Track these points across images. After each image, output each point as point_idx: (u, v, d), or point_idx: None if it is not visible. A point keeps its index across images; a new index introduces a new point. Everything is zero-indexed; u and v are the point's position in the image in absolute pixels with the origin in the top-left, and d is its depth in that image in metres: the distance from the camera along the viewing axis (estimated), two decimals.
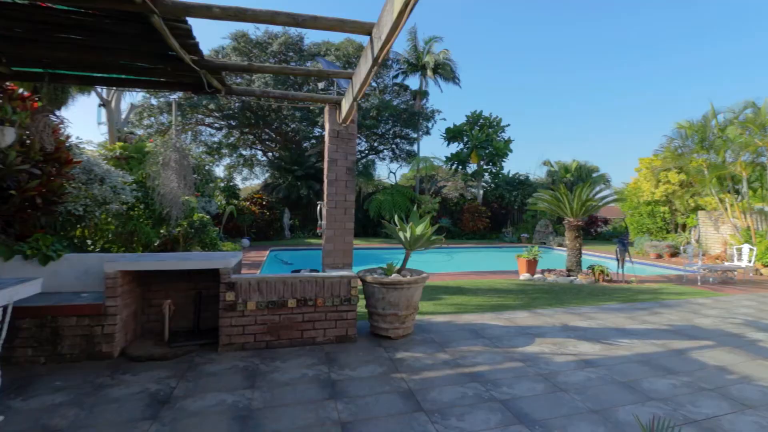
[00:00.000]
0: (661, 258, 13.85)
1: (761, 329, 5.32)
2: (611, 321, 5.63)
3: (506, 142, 23.12)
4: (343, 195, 4.92)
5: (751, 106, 10.89)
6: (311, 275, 4.37)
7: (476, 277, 9.46)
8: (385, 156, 28.17)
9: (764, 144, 10.27)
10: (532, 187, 22.60)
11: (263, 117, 21.19)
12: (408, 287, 4.50)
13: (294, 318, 4.27)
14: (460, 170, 24.51)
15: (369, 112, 19.92)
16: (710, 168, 11.82)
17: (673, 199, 14.37)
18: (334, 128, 4.90)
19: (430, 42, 22.46)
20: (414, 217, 4.99)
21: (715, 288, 8.51)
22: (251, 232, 16.88)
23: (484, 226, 21.50)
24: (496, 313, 5.91)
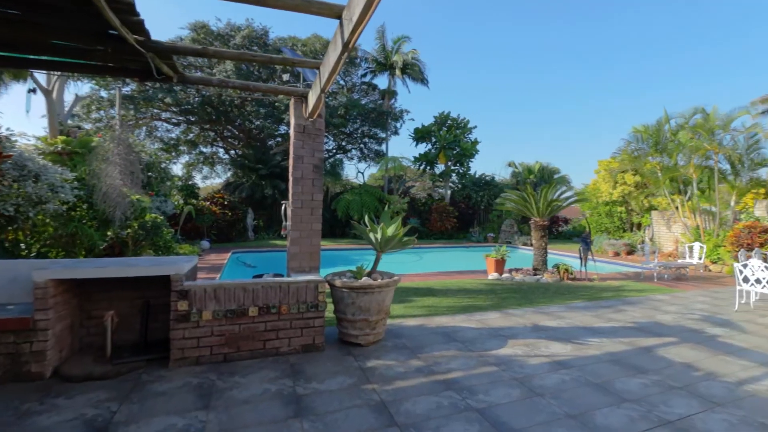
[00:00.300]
0: (619, 256, 14.48)
1: (718, 324, 5.54)
2: (579, 320, 5.68)
3: (473, 143, 23.48)
4: (309, 194, 4.62)
5: (701, 111, 11.61)
6: (275, 280, 4.04)
7: (446, 277, 9.40)
8: (353, 156, 27.85)
9: (712, 148, 10.94)
10: (498, 187, 23.08)
11: (225, 113, 20.26)
12: (379, 291, 4.28)
13: (255, 327, 3.94)
14: (428, 171, 24.64)
15: (337, 110, 19.54)
16: (663, 170, 12.47)
17: (629, 199, 15.11)
18: (300, 123, 4.59)
19: (398, 41, 22.41)
20: (385, 217, 4.77)
21: (671, 284, 8.91)
22: (211, 233, 16.05)
23: (452, 226, 21.69)
24: (468, 315, 5.81)
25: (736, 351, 4.47)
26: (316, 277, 4.26)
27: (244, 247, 15.14)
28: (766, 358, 4.27)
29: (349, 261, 13.76)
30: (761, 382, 3.65)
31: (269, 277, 4.51)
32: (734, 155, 10.95)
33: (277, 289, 4.02)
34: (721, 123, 10.93)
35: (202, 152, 24.45)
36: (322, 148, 4.69)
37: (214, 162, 24.89)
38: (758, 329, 5.34)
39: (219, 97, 18.76)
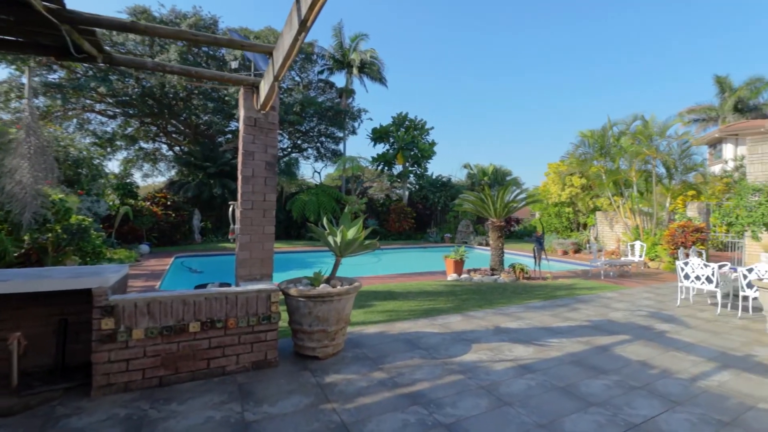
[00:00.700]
0: (567, 254, 15.19)
1: (664, 320, 5.81)
2: (538, 320, 5.71)
3: (430, 145, 23.72)
4: (261, 194, 4.20)
5: (640, 118, 12.47)
6: (220, 291, 3.60)
7: (406, 279, 9.24)
8: (309, 155, 27.13)
9: (650, 153, 11.75)
10: (454, 188, 23.48)
11: (169, 106, 18.84)
12: (338, 299, 3.96)
13: (198, 345, 3.47)
14: (386, 171, 24.55)
15: (292, 107, 18.83)
16: (607, 173, 13.23)
17: (576, 200, 15.92)
18: (250, 115, 4.16)
19: (356, 39, 22.10)
20: (345, 219, 4.46)
21: (616, 281, 9.38)
22: (152, 236, 14.78)
23: (410, 226, 21.73)
24: (430, 319, 5.65)
25: (683, 346, 4.65)
26: (269, 285, 3.86)
27: (190, 251, 14.09)
28: (711, 352, 4.47)
29: (305, 264, 13.24)
30: (711, 377, 3.77)
31: (214, 287, 4.04)
32: (669, 160, 11.84)
33: (223, 300, 3.58)
34: (658, 130, 11.79)
35: (142, 148, 22.61)
36: (275, 144, 4.29)
37: (156, 159, 23.11)
38: (699, 323, 5.65)
39: (161, 89, 17.37)
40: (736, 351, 4.53)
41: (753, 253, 11.26)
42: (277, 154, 4.30)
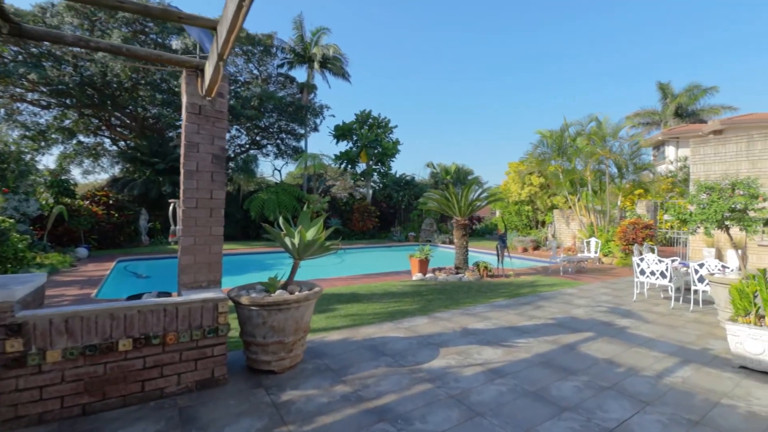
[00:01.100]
0: (527, 251, 15.56)
1: (623, 315, 5.92)
2: (504, 319, 5.63)
3: (394, 143, 23.57)
4: (207, 191, 3.74)
5: (594, 119, 12.98)
6: (158, 302, 3.13)
7: (370, 280, 8.96)
8: (269, 152, 26.14)
9: (604, 153, 12.24)
10: (418, 187, 23.49)
11: (112, 97, 17.33)
12: (297, 306, 3.60)
13: (129, 365, 2.99)
14: (350, 169, 24.14)
15: (249, 101, 17.94)
16: (564, 173, 13.66)
17: (535, 199, 16.38)
18: (194, 102, 3.69)
19: (317, 33, 21.47)
20: (304, 218, 4.09)
21: (575, 277, 9.62)
22: (91, 238, 13.49)
23: (374, 225, 21.48)
24: (396, 322, 5.39)
25: (645, 342, 4.71)
26: (216, 293, 3.43)
27: (136, 254, 13.00)
28: (671, 347, 4.54)
29: (264, 266, 12.61)
30: (675, 373, 3.79)
31: (151, 297, 3.54)
32: (621, 160, 12.41)
33: (161, 313, 3.11)
34: (611, 132, 12.31)
35: (82, 142, 20.72)
36: (224, 135, 3.84)
37: (98, 154, 21.28)
38: (656, 318, 5.81)
39: (103, 77, 15.91)
40: (693, 345, 4.64)
41: (696, 248, 12.02)
42: (225, 145, 3.86)
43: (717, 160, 11.62)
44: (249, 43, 19.34)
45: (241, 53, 20.34)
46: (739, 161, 11.17)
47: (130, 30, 17.11)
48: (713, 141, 11.72)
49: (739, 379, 3.69)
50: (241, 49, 20.12)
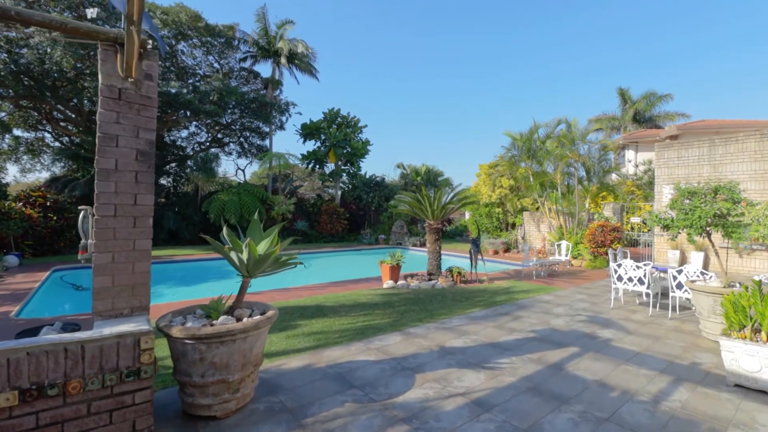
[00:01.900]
0: (498, 254, 15.43)
1: (604, 325, 5.64)
2: (484, 334, 5.19)
3: (364, 143, 22.97)
4: (130, 195, 3.02)
5: (564, 122, 13.00)
6: (55, 340, 2.40)
7: (338, 288, 8.33)
8: (231, 150, 24.85)
9: (573, 156, 12.24)
10: (388, 188, 23.01)
11: (53, 88, 15.66)
12: (244, 337, 2.95)
13: (15, 426, 2.25)
14: (318, 170, 23.31)
15: (208, 95, 16.76)
16: (534, 175, 13.59)
17: (505, 201, 16.30)
18: (112, 84, 2.96)
19: (282, 26, 20.49)
20: (254, 229, 3.44)
21: (548, 281, 9.43)
22: (25, 245, 12.01)
23: (343, 228, 20.79)
24: (366, 342, 4.82)
25: (632, 357, 4.39)
26: (140, 324, 2.72)
27: (77, 262, 11.66)
28: (659, 363, 4.25)
29: (223, 274, 11.65)
30: (671, 397, 3.45)
31: (51, 333, 2.78)
32: (589, 163, 12.46)
33: (60, 354, 2.38)
34: (580, 135, 12.34)
35: (18, 137, 18.71)
36: (152, 126, 3.13)
37: (38, 151, 19.31)
38: (637, 328, 5.56)
39: (41, 65, 14.29)
40: (681, 359, 4.37)
41: (661, 250, 12.23)
42: (154, 139, 3.14)
43: (680, 164, 11.87)
44: (208, 34, 18.13)
45: (200, 44, 19.06)
46: (701, 165, 11.45)
47: (70, 15, 15.52)
48: (677, 145, 11.98)
49: (739, 401, 3.39)
50: (199, 41, 18.85)
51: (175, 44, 18.49)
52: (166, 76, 18.04)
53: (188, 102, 15.76)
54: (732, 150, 10.93)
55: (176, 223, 16.36)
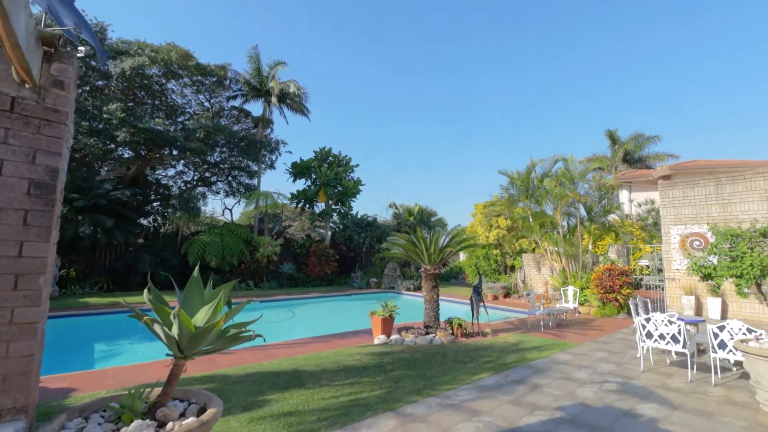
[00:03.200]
0: (497, 299, 14.42)
1: (641, 397, 4.65)
2: (500, 414, 4.16)
3: (356, 182, 22.42)
4: (13, 244, 2.13)
5: (561, 159, 12.60)
6: None
7: (322, 345, 7.23)
8: (219, 189, 24.09)
9: (574, 196, 11.67)
10: (380, 229, 22.19)
11: None
12: None
13: None
14: (307, 209, 22.53)
15: (194, 132, 16.21)
16: (534, 216, 12.94)
17: (503, 242, 15.54)
18: (2, 91, 2.16)
19: (275, 67, 20.50)
20: (193, 290, 2.53)
21: (559, 334, 8.44)
22: None
23: (332, 270, 19.68)
24: (349, 430, 3.75)
25: None
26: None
27: None
28: None
29: None
30: None
31: None
32: (591, 203, 11.89)
33: None
34: (579, 174, 11.86)
35: None
36: (59, 150, 2.30)
37: None
38: (682, 400, 4.58)
39: None
40: None
41: (674, 295, 11.39)
42: (59, 168, 2.29)
43: (686, 204, 11.34)
44: (199, 73, 17.94)
45: (191, 83, 18.83)
46: (709, 204, 10.92)
47: None
48: (681, 184, 11.51)
49: None
50: (190, 79, 18.63)
51: (165, 82, 18.24)
52: (155, 114, 17.60)
53: (173, 139, 15.15)
54: (740, 189, 10.45)
55: (151, 266, 15.17)
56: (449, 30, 49.65)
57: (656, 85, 48.42)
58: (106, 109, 13.88)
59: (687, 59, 44.17)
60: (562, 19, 46.57)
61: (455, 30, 49.47)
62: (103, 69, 13.75)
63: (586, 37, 47.26)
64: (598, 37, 46.60)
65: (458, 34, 49.76)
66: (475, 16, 47.16)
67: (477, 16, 47.22)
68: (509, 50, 49.88)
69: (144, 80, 16.41)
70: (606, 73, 48.86)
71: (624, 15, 44.39)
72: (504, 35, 48.83)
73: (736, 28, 41.29)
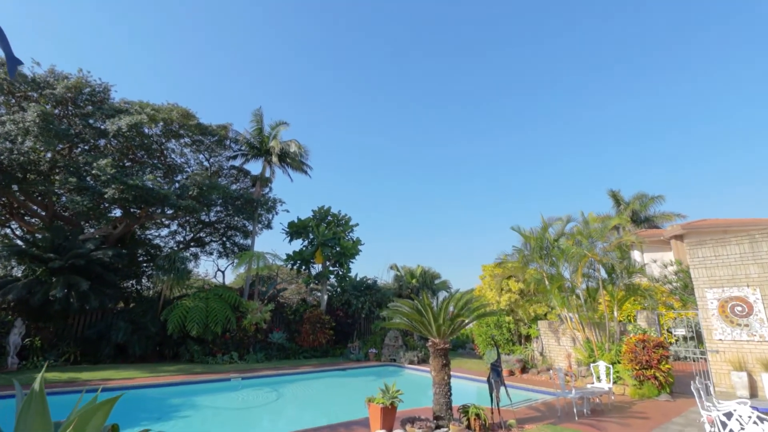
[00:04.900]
0: (514, 375, 12.67)
1: None
2: None
3: (355, 243, 21.44)
4: None
5: (570, 220, 11.90)
6: None
7: None
8: (212, 250, 23.09)
9: (594, 256, 10.62)
10: (380, 292, 20.72)
11: (21, 180, 14.48)
12: None
13: None
14: (304, 271, 21.27)
15: (187, 190, 15.60)
16: (550, 278, 11.76)
17: (515, 308, 14.13)
18: None
19: (276, 127, 20.57)
20: (35, 413, 1.42)
21: (598, 425, 6.88)
22: None
23: (327, 339, 17.90)
24: None
25: None
26: None
27: None
28: None
29: (171, 409, 8.84)
30: None
31: None
32: (614, 263, 10.80)
33: None
34: (599, 232, 10.93)
35: None
36: None
37: None
38: None
39: (9, 154, 13.21)
40: None
41: (720, 371, 9.80)
42: None
43: (719, 264, 10.22)
44: (200, 132, 17.88)
45: (191, 143, 18.73)
46: (746, 264, 9.80)
47: (60, 112, 15.17)
48: (711, 243, 10.49)
49: None
50: (191, 139, 18.56)
51: (164, 142, 18.12)
52: (153, 172, 17.19)
53: (164, 196, 14.49)
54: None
55: (126, 335, 13.63)
56: (453, 93, 52.10)
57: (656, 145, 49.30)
58: (95, 165, 13.38)
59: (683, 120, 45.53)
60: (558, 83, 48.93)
61: (458, 93, 51.99)
62: (11, 78, 13.38)
63: (577, 101, 49.31)
64: (589, 101, 48.59)
65: (461, 98, 52.27)
66: (476, 79, 49.76)
67: (477, 79, 49.83)
68: (518, 112, 51.74)
69: (144, 139, 16.24)
70: (605, 134, 50.09)
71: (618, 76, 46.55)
72: (508, 99, 51.09)
73: (737, 87, 42.87)
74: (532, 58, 47.17)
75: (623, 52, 43.03)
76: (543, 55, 46.95)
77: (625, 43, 43.14)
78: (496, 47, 46.62)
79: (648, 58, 44.09)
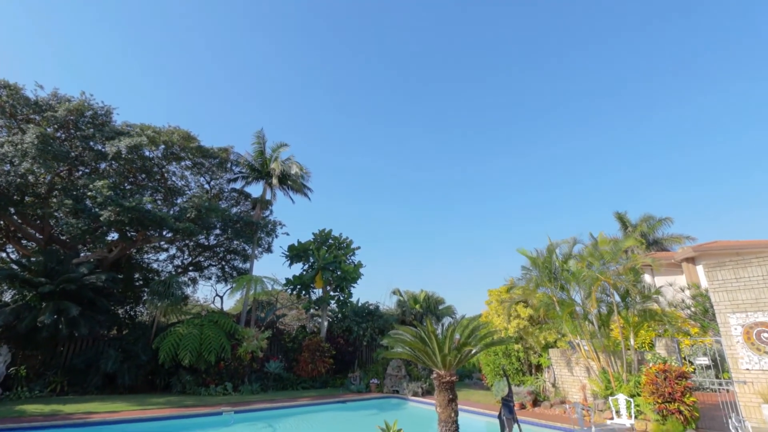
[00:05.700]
0: (525, 408, 11.85)
1: None
2: None
3: (356, 267, 20.90)
4: None
5: (576, 242, 11.48)
6: None
7: None
8: (211, 274, 22.62)
9: (606, 279, 10.08)
10: (383, 318, 19.99)
11: (18, 202, 14.29)
12: None
13: None
14: (304, 296, 20.66)
15: (185, 212, 15.31)
16: (560, 304, 11.17)
17: (525, 335, 13.43)
18: None
19: (277, 149, 20.48)
20: None
21: None
22: None
23: (327, 368, 17.09)
24: None
25: None
26: None
27: None
28: None
29: None
30: None
31: None
32: (629, 286, 10.23)
33: None
34: (612, 253, 10.43)
35: None
36: None
37: None
38: None
39: (6, 176, 13.06)
40: None
41: (749, 404, 9.06)
42: None
43: (741, 287, 9.63)
44: (201, 155, 17.79)
45: (191, 165, 18.62)
46: None
47: (63, 134, 15.13)
48: (731, 264, 9.94)
49: None
50: (192, 162, 18.46)
51: (165, 164, 18.00)
52: (153, 195, 16.99)
53: (161, 219, 14.18)
54: None
55: (116, 364, 12.99)
56: (456, 118, 52.67)
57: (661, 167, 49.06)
58: (92, 186, 13.16)
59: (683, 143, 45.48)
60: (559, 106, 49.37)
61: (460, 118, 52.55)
62: None
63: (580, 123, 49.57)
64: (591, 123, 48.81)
65: (463, 122, 52.80)
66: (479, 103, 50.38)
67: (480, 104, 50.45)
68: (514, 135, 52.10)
69: (144, 162, 16.12)
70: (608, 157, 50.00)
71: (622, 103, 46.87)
72: (512, 123, 51.53)
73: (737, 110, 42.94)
74: (534, 83, 47.93)
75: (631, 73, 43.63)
76: (548, 77, 47.74)
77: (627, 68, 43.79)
78: (497, 72, 47.52)
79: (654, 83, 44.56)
